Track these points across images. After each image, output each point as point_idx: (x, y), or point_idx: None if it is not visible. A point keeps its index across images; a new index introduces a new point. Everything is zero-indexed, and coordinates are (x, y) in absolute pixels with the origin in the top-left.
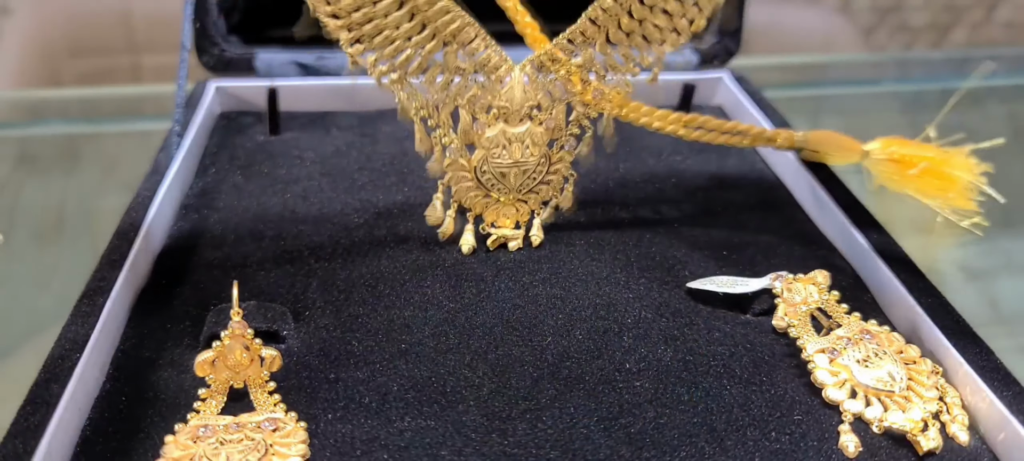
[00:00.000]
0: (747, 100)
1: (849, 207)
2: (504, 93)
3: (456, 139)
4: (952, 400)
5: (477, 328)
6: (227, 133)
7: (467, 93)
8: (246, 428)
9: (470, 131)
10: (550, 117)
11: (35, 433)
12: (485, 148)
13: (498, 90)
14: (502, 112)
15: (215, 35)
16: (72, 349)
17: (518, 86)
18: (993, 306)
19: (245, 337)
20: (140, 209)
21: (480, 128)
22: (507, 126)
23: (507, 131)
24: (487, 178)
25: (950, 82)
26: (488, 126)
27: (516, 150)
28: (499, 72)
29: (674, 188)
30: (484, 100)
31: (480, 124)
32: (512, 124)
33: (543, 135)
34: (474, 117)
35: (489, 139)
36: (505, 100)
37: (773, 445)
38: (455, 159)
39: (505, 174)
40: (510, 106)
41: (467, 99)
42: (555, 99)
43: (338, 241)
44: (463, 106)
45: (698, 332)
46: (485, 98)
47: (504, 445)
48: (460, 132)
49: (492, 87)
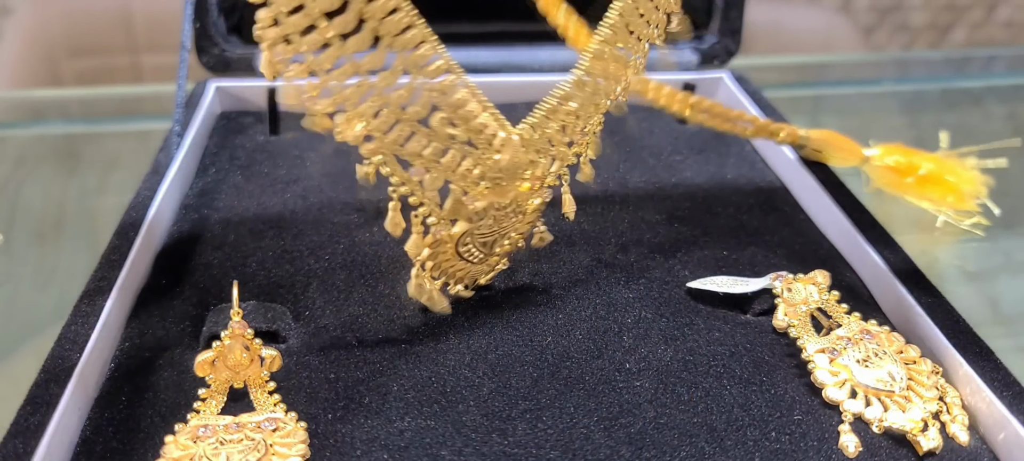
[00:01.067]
0: (747, 100)
1: (849, 207)
2: (502, 167)
3: (443, 215)
4: (952, 400)
5: (477, 328)
6: (227, 133)
7: (460, 166)
8: (246, 428)
9: (460, 207)
10: (537, 177)
11: (35, 433)
12: (472, 222)
13: (490, 158)
14: (494, 182)
15: (215, 35)
16: (72, 349)
17: (510, 149)
18: (993, 306)
19: (245, 337)
20: (140, 209)
21: (470, 201)
22: (497, 197)
23: (497, 202)
24: (467, 250)
25: (950, 82)
26: (478, 199)
27: (501, 218)
28: (487, 133)
29: (674, 188)
30: (475, 171)
31: (470, 198)
32: (502, 194)
33: (527, 195)
34: (465, 191)
35: (477, 212)
36: (498, 169)
37: (773, 445)
38: (439, 236)
39: (487, 243)
40: (503, 174)
41: (459, 173)
42: (542, 153)
43: (338, 241)
44: (454, 180)
45: (698, 332)
46: (476, 168)
47: (504, 445)
48: (448, 208)
49: (483, 155)
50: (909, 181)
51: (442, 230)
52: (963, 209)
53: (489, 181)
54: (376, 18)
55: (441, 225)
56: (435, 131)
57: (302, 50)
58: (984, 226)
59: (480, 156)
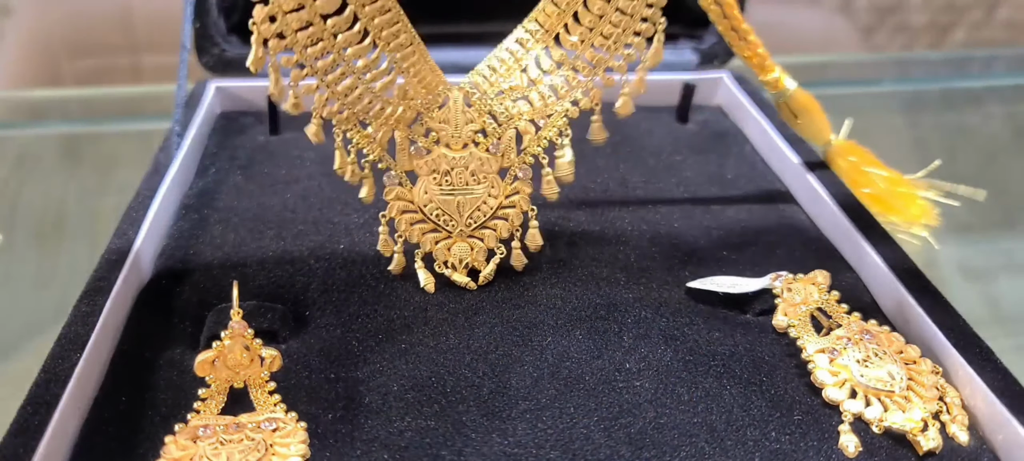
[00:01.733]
0: (747, 100)
1: (849, 207)
2: (441, 114)
3: (394, 165)
4: (952, 400)
5: (477, 328)
6: (227, 133)
7: (398, 114)
8: (246, 428)
9: (406, 155)
10: (496, 143)
11: (35, 433)
12: (425, 174)
13: (435, 112)
14: (442, 136)
15: (215, 35)
16: (72, 349)
17: (456, 108)
18: (993, 306)
19: (245, 337)
20: (140, 209)
21: (418, 152)
22: (448, 150)
23: (447, 155)
24: (433, 210)
25: (950, 82)
26: (427, 150)
27: (459, 176)
28: (437, 93)
29: (674, 188)
30: (421, 122)
31: (418, 149)
32: (454, 148)
33: (490, 162)
34: (412, 141)
35: (428, 163)
36: (442, 122)
37: (773, 445)
38: (394, 187)
39: (452, 205)
40: (449, 129)
41: (398, 118)
42: (500, 123)
43: (338, 241)
44: (399, 129)
45: (698, 332)
46: (422, 120)
47: (504, 445)
48: (397, 156)
49: (428, 108)
50: (858, 186)
51: (397, 182)
52: (912, 224)
53: (436, 134)
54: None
55: (397, 177)
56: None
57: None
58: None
59: (423, 105)
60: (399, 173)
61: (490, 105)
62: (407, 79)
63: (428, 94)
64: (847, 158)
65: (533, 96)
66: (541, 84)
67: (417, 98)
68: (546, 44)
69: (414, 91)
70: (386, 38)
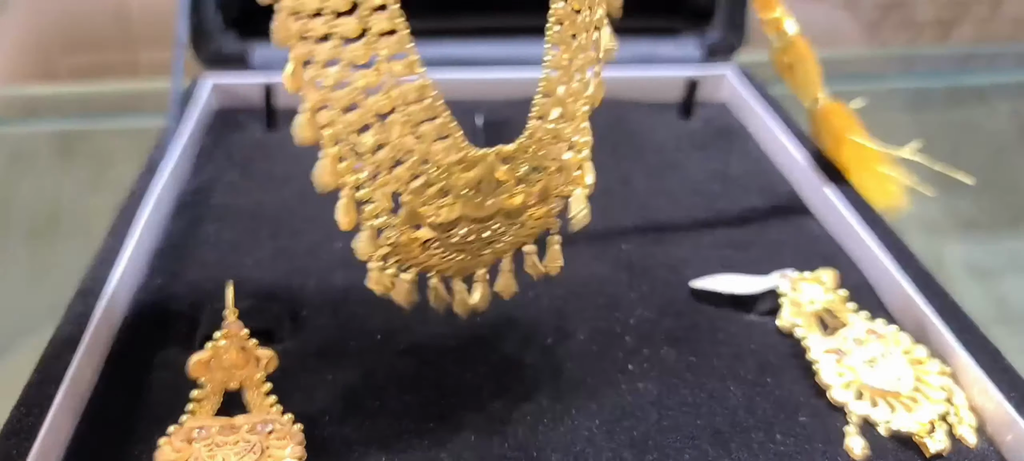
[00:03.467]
0: (751, 95)
1: (856, 205)
2: (465, 177)
3: (395, 222)
4: (959, 401)
5: (477, 329)
6: (223, 130)
7: (412, 182)
8: (241, 430)
9: (417, 217)
10: (534, 193)
11: (28, 435)
12: (436, 233)
13: (458, 175)
14: (463, 199)
15: (212, 30)
16: (66, 349)
17: (483, 166)
18: (1000, 305)
19: (240, 337)
20: (135, 207)
21: (430, 213)
22: (471, 211)
23: (469, 215)
24: (437, 248)
25: (956, 78)
26: (442, 212)
27: (486, 230)
28: (462, 161)
29: (678, 185)
30: (431, 190)
31: (430, 210)
32: (478, 208)
33: (520, 208)
34: (424, 203)
35: (442, 224)
36: (468, 185)
37: (778, 447)
38: (391, 237)
39: (468, 250)
40: (479, 191)
41: (412, 189)
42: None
43: (336, 240)
44: (406, 196)
45: (702, 333)
46: (434, 187)
47: (504, 448)
48: (402, 217)
49: (447, 173)
50: (836, 152)
51: (399, 234)
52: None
53: (455, 197)
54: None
55: (397, 229)
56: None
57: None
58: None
59: (442, 175)
60: (405, 227)
61: (531, 161)
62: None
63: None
64: (831, 120)
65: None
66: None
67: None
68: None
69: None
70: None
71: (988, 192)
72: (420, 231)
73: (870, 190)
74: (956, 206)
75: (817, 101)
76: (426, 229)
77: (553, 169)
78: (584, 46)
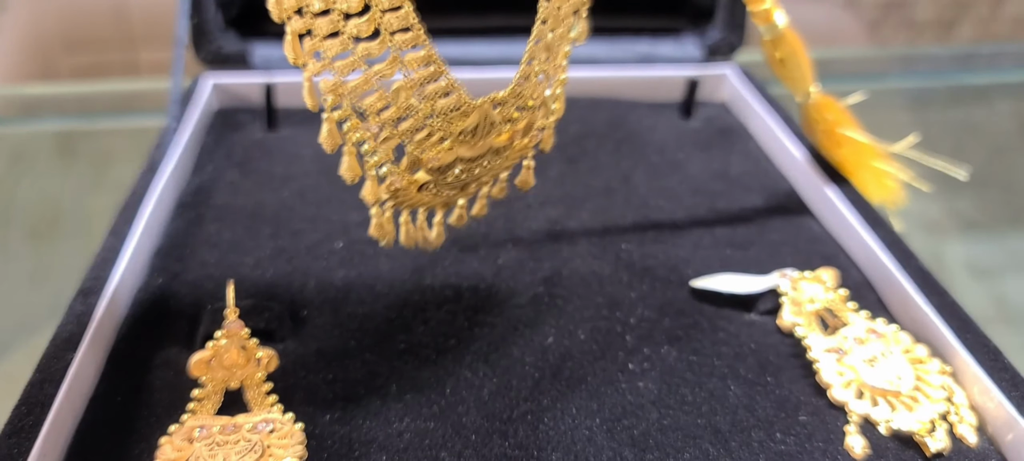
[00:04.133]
0: (752, 95)
1: (856, 204)
2: (463, 124)
3: (399, 170)
4: (960, 400)
5: (477, 328)
6: (224, 129)
7: (419, 133)
8: (242, 429)
9: (418, 163)
10: (518, 129)
11: (29, 434)
12: (432, 176)
13: (457, 123)
14: (460, 140)
15: (212, 29)
16: (66, 349)
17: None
18: (1001, 304)
19: (241, 336)
20: (135, 206)
21: (430, 159)
22: (465, 151)
23: (463, 156)
24: (432, 188)
25: (956, 78)
26: (440, 156)
27: (477, 166)
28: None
29: (678, 185)
30: (434, 137)
31: (430, 156)
32: (471, 147)
33: (505, 142)
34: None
35: (440, 167)
36: (465, 131)
37: (778, 447)
38: (394, 183)
39: (459, 186)
40: (470, 137)
41: (416, 141)
42: (522, 110)
43: (336, 239)
44: (411, 144)
45: (702, 332)
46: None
47: (505, 447)
48: (405, 164)
49: (447, 122)
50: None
51: (400, 180)
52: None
53: (452, 142)
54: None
55: (398, 176)
56: (396, 95)
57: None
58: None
59: (443, 124)
60: (404, 173)
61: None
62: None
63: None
64: (824, 114)
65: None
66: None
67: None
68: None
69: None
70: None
71: (988, 191)
72: (418, 175)
73: (865, 185)
74: (956, 205)
75: (809, 95)
76: (423, 172)
77: (537, 105)
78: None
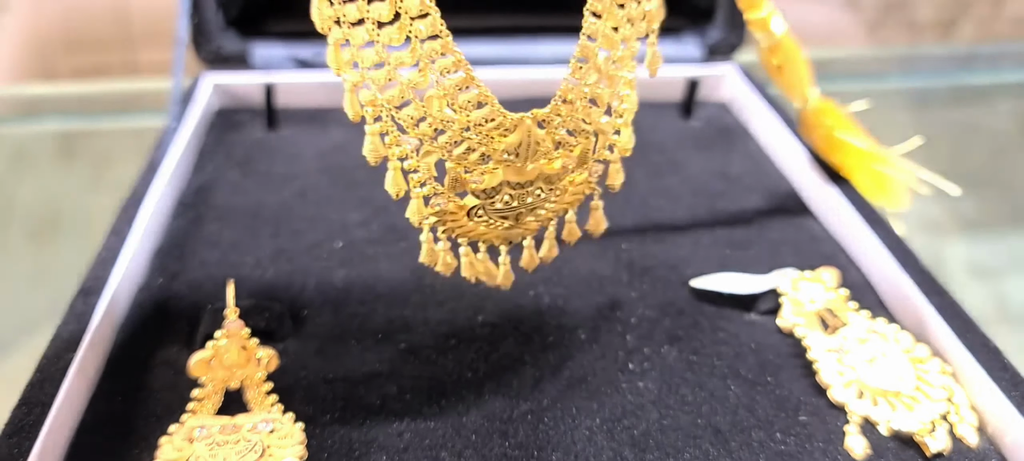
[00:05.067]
0: (752, 94)
1: (856, 204)
2: (505, 142)
3: (442, 190)
4: (960, 400)
5: (477, 328)
6: (224, 129)
7: (458, 148)
8: (242, 429)
9: (459, 184)
10: (574, 157)
11: (29, 434)
12: (480, 199)
13: (499, 141)
14: (505, 163)
15: (212, 30)
16: (66, 349)
17: (521, 131)
18: (1002, 304)
19: (241, 336)
20: (136, 206)
21: (474, 179)
22: (512, 176)
23: (511, 180)
24: (482, 215)
25: (957, 78)
26: (484, 177)
27: (529, 195)
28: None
29: (678, 185)
30: (473, 155)
31: (474, 176)
32: (519, 173)
33: (561, 173)
34: (466, 169)
35: (486, 189)
36: (508, 150)
37: (779, 447)
38: (440, 204)
39: (512, 216)
40: (515, 159)
41: (455, 156)
42: (577, 132)
43: (336, 239)
44: (451, 161)
45: (702, 332)
46: (476, 152)
47: (505, 447)
48: (448, 184)
49: (487, 139)
50: (830, 154)
51: (446, 201)
52: (885, 200)
53: (497, 162)
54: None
55: (444, 197)
56: (429, 104)
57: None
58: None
59: (483, 141)
60: (449, 195)
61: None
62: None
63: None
64: (823, 119)
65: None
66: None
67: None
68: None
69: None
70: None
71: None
72: (466, 199)
73: (866, 189)
74: (957, 205)
75: (807, 101)
76: (471, 196)
77: (590, 132)
78: (632, 18)
